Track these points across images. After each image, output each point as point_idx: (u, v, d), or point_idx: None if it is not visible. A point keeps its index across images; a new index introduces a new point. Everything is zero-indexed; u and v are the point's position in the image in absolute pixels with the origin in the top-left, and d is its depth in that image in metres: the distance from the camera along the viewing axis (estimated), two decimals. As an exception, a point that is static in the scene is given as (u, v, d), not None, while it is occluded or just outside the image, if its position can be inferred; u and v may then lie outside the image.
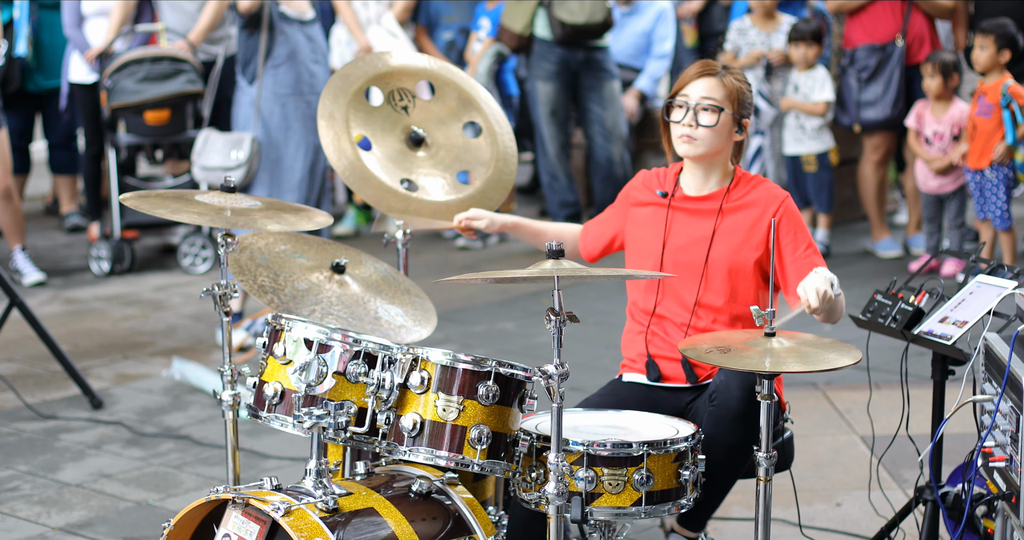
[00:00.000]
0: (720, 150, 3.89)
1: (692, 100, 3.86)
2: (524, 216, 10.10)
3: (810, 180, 8.57)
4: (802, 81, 8.42)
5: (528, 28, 8.79)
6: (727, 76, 3.88)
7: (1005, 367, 3.33)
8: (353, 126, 4.26)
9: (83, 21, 8.42)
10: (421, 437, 3.41)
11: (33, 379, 6.48)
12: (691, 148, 3.87)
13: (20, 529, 4.82)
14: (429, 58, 4.56)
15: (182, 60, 8.12)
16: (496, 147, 4.42)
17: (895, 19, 8.38)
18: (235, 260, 3.95)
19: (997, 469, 3.42)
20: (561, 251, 3.25)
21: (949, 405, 3.77)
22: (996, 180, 7.57)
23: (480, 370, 3.40)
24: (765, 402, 3.37)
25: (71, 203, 9.56)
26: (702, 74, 3.88)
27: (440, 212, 4.29)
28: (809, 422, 5.73)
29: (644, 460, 3.40)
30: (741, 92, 3.88)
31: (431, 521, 3.41)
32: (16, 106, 8.85)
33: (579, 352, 5.63)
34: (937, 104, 7.94)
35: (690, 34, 10.23)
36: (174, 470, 5.35)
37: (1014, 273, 3.93)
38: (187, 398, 6.20)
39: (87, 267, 8.55)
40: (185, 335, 7.21)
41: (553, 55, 8.77)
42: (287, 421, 3.51)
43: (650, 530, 4.73)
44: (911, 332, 4.01)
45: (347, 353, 3.48)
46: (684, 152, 3.89)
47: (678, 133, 3.87)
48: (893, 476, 5.11)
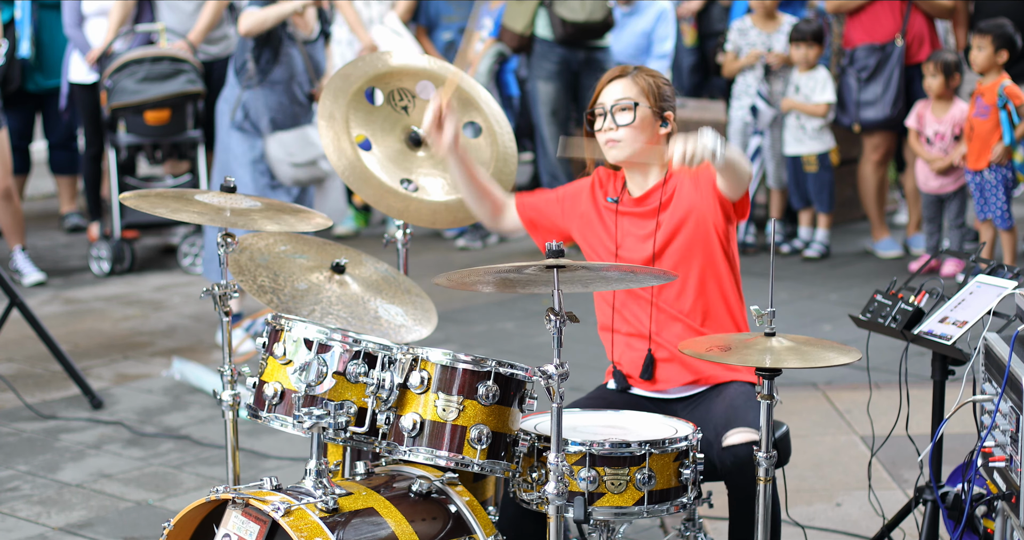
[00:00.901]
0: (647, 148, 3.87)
1: (608, 105, 3.85)
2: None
3: (810, 180, 8.56)
4: (803, 82, 8.42)
5: (529, 28, 8.80)
6: (638, 74, 3.87)
7: (1005, 367, 3.33)
8: (353, 126, 4.26)
9: (83, 21, 8.42)
10: (421, 437, 3.41)
11: (33, 379, 6.48)
12: (618, 151, 3.85)
13: (20, 529, 4.82)
14: (429, 58, 4.57)
15: (182, 60, 8.12)
16: (496, 147, 4.42)
17: (895, 19, 8.38)
18: (235, 260, 3.95)
19: (997, 469, 3.42)
20: (561, 251, 3.25)
21: (949, 405, 3.77)
22: (995, 181, 7.57)
23: (480, 370, 3.40)
24: (765, 402, 3.37)
25: (71, 203, 9.56)
26: (612, 79, 3.89)
27: (440, 212, 4.29)
28: (809, 422, 5.73)
29: (646, 459, 3.41)
30: (656, 85, 3.86)
31: (431, 521, 3.41)
32: (16, 106, 8.85)
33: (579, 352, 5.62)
34: (938, 104, 7.94)
35: (689, 34, 10.24)
36: (174, 470, 5.35)
37: (1014, 273, 3.93)
38: (187, 398, 6.20)
39: (87, 267, 8.55)
40: (185, 335, 7.21)
41: (554, 55, 8.78)
42: (287, 421, 3.51)
43: (650, 530, 4.74)
44: (911, 332, 4.01)
45: (347, 353, 3.48)
46: (613, 157, 3.87)
47: (603, 139, 3.86)
48: (893, 476, 5.11)
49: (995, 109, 7.46)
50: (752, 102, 8.60)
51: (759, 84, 8.58)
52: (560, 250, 3.25)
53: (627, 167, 3.93)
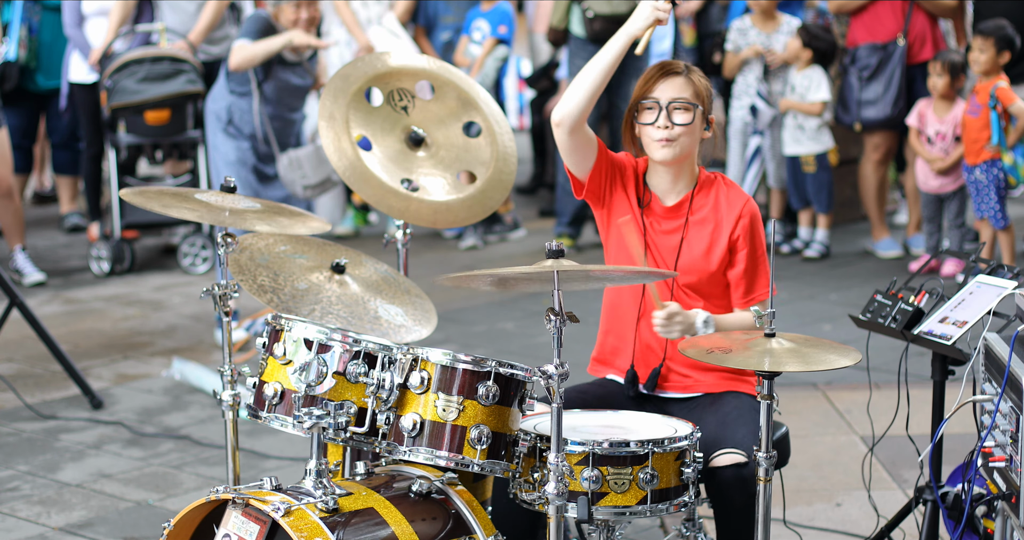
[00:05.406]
0: (692, 150, 3.85)
1: (663, 100, 3.79)
2: (524, 216, 10.12)
3: (809, 180, 8.57)
4: (799, 81, 8.42)
5: (562, 22, 8.89)
6: (692, 74, 3.82)
7: (1005, 367, 3.33)
8: (353, 126, 4.26)
9: (83, 21, 8.42)
10: (421, 437, 3.41)
11: (33, 379, 6.48)
12: (670, 151, 3.79)
13: (20, 529, 4.82)
14: (428, 58, 4.57)
15: (182, 60, 8.12)
16: (496, 147, 4.42)
17: (896, 18, 8.38)
18: (235, 260, 3.95)
19: (997, 469, 3.42)
20: (561, 251, 3.25)
21: (949, 405, 3.77)
22: (987, 181, 7.59)
23: (480, 370, 3.40)
24: (765, 402, 3.37)
25: (71, 203, 9.56)
26: (666, 73, 3.80)
27: (440, 212, 4.29)
28: (809, 422, 5.73)
29: (649, 458, 3.41)
30: (707, 88, 3.85)
31: (431, 521, 3.41)
32: (19, 105, 8.86)
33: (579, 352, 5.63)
34: (940, 104, 7.94)
35: (688, 34, 10.24)
36: (174, 470, 5.35)
37: (1014, 273, 3.93)
38: (187, 398, 6.20)
39: (87, 267, 8.55)
40: (185, 335, 7.21)
41: (585, 52, 8.78)
42: (287, 421, 3.51)
43: (650, 530, 4.74)
44: (911, 332, 4.01)
45: (347, 353, 3.48)
46: (663, 157, 3.80)
47: (656, 136, 3.78)
48: (893, 476, 5.11)
49: (985, 109, 7.47)
50: (752, 102, 8.61)
51: (759, 84, 8.58)
52: (560, 250, 3.25)
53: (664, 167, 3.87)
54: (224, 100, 7.10)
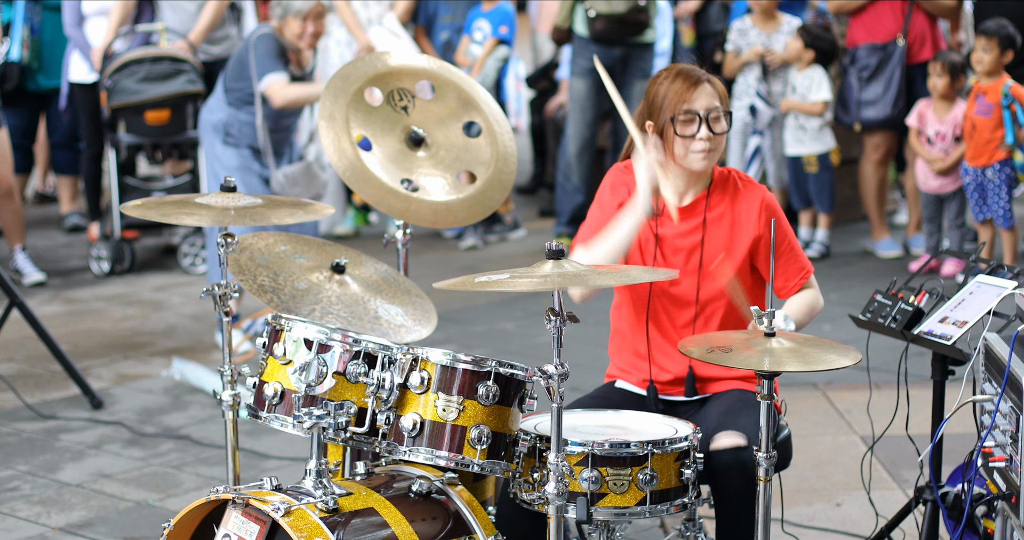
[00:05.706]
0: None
1: (702, 112, 3.79)
2: (524, 216, 10.12)
3: (811, 181, 8.57)
4: (799, 81, 8.42)
5: (566, 21, 8.89)
6: (714, 80, 3.84)
7: (1005, 367, 3.33)
8: (353, 126, 4.26)
9: (83, 21, 8.42)
10: (421, 437, 3.41)
11: (33, 379, 6.48)
12: (709, 161, 3.80)
13: (20, 529, 4.82)
14: (428, 58, 4.57)
15: (182, 60, 8.12)
16: (496, 147, 4.42)
17: (896, 18, 8.38)
18: (235, 260, 3.95)
19: (997, 469, 3.42)
20: (561, 251, 3.25)
21: (949, 405, 3.77)
22: (999, 180, 7.58)
23: (480, 370, 3.40)
24: (765, 402, 3.37)
25: (71, 203, 9.56)
26: (698, 82, 3.81)
27: (440, 212, 4.29)
28: (809, 422, 5.73)
29: (648, 459, 3.41)
30: (724, 90, 3.87)
31: (431, 521, 3.41)
32: (19, 105, 8.85)
33: (579, 352, 5.63)
34: (940, 104, 7.94)
35: (687, 34, 10.24)
36: (174, 470, 5.35)
37: (1014, 273, 3.93)
38: (187, 398, 6.20)
39: (87, 267, 8.54)
40: (185, 335, 7.21)
41: (588, 52, 8.78)
42: (287, 421, 3.51)
43: (650, 530, 4.74)
44: (911, 332, 4.01)
45: (347, 353, 3.48)
46: (705, 166, 3.80)
47: (699, 148, 3.77)
48: (893, 476, 5.11)
49: (998, 108, 7.47)
50: (751, 102, 8.61)
51: (758, 84, 8.58)
52: (560, 250, 3.25)
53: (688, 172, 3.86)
54: (222, 112, 7.02)
